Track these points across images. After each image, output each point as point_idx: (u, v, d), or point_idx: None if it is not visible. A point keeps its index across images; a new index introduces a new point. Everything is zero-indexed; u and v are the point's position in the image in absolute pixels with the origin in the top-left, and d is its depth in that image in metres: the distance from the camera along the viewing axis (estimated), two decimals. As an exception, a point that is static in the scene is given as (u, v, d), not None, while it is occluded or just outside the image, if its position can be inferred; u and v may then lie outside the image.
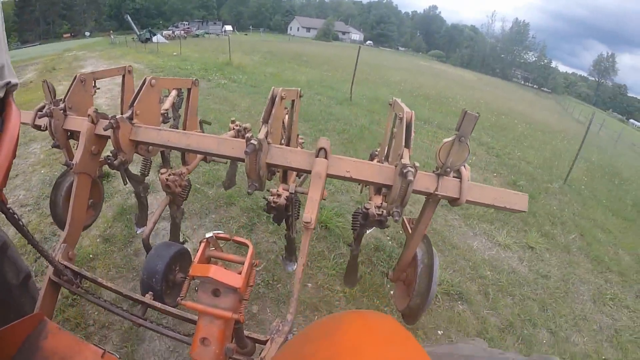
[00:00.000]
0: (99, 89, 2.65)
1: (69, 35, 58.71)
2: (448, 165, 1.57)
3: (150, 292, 1.74)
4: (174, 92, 3.02)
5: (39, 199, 4.30)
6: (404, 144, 1.78)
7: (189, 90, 2.81)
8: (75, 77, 2.32)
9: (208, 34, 62.44)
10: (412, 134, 1.82)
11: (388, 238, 4.38)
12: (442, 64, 79.89)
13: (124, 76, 2.84)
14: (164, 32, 46.16)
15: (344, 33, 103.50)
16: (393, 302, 2.10)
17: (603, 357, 3.51)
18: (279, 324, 1.42)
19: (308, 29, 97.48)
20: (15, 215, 1.28)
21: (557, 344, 3.51)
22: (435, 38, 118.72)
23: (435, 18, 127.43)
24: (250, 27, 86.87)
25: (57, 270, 1.73)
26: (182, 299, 1.17)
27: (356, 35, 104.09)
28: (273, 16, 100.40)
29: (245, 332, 1.39)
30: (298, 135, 3.06)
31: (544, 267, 4.66)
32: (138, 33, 39.37)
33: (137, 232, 3.51)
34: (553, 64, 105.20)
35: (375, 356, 0.64)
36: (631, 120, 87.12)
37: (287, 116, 2.71)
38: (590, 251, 5.53)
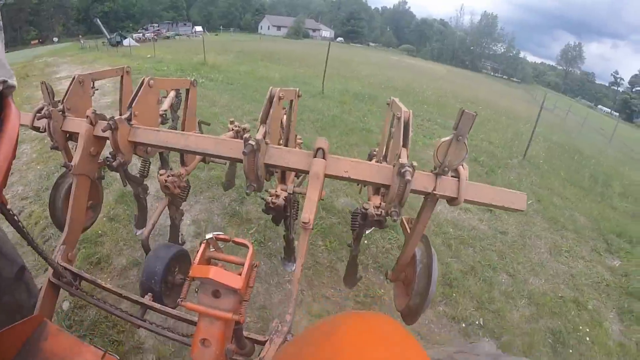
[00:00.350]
0: (97, 90, 2.67)
1: (37, 41, 56.30)
2: (446, 164, 1.55)
3: (150, 294, 1.74)
4: (172, 93, 3.02)
5: (38, 191, 4.51)
6: (401, 143, 1.76)
7: (187, 90, 2.80)
8: (74, 78, 2.30)
9: (179, 35, 61.84)
10: (410, 133, 1.81)
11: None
12: (413, 58, 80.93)
13: (122, 77, 2.81)
14: (135, 35, 45.34)
15: (314, 30, 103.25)
16: (393, 302, 2.32)
17: (560, 295, 4.02)
18: (277, 324, 1.40)
19: (279, 28, 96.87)
20: (15, 217, 1.27)
21: (515, 284, 4.02)
22: (406, 33, 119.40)
23: (405, 13, 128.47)
24: (221, 27, 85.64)
25: (56, 271, 1.72)
26: (182, 300, 1.17)
27: (327, 33, 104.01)
28: (243, 15, 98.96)
29: (245, 333, 1.40)
30: (296, 135, 3.11)
31: (502, 226, 5.23)
32: (108, 37, 38.60)
33: (137, 234, 3.50)
34: (522, 55, 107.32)
35: (375, 357, 0.65)
36: (599, 106, 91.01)
37: (284, 116, 2.69)
38: (546, 213, 6.10)
